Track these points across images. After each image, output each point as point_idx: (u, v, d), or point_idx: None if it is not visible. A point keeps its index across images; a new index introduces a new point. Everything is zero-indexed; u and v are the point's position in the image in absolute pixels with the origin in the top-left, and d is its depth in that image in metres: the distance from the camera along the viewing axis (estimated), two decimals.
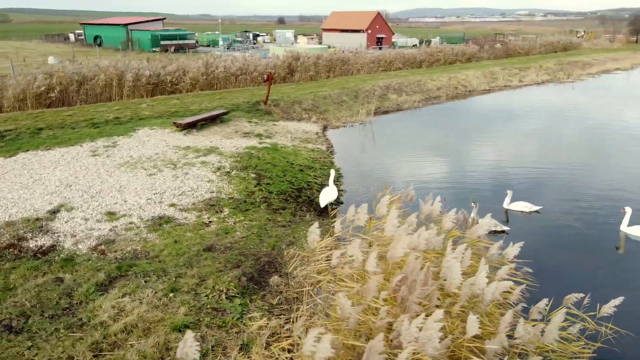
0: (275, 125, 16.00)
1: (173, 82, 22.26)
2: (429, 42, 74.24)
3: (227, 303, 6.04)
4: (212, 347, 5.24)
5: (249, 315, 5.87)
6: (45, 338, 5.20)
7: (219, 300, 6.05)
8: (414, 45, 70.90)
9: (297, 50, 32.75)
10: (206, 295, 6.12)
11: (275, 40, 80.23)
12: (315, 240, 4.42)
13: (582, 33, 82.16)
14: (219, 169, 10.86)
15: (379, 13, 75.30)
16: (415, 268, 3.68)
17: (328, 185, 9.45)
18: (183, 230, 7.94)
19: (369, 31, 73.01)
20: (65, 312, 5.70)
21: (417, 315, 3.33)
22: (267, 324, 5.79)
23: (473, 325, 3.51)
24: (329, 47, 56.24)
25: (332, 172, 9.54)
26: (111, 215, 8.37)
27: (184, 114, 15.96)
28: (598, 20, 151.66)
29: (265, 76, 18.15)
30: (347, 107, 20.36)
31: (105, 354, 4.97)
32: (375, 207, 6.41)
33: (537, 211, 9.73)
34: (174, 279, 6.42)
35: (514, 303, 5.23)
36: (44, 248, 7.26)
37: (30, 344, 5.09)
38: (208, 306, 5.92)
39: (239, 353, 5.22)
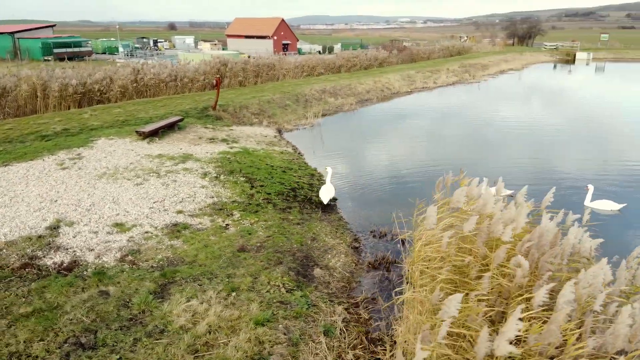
0: (232, 130, 15.94)
1: (102, 90, 21.12)
2: (331, 48, 76.60)
3: (290, 296, 6.22)
4: (300, 336, 5.42)
5: (315, 304, 6.11)
6: (129, 349, 5.04)
7: (281, 295, 6.21)
8: (318, 52, 72.84)
9: (215, 55, 32.39)
10: (267, 291, 6.24)
11: (174, 47, 77.91)
12: (432, 223, 4.76)
13: (465, 38, 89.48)
14: (205, 174, 10.74)
15: (283, 20, 76.32)
16: (543, 232, 4.24)
17: (325, 183, 9.83)
18: (205, 234, 7.87)
19: (275, 37, 73.74)
20: (133, 322, 5.52)
21: (552, 277, 3.88)
22: (334, 310, 6.07)
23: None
24: (240, 53, 55.94)
25: (330, 170, 9.92)
26: (120, 226, 8.04)
27: (134, 122, 15.32)
28: (473, 26, 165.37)
29: (214, 81, 17.93)
30: (292, 111, 20.73)
31: (204, 354, 4.96)
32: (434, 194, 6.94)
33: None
34: (226, 280, 6.44)
35: None
36: (65, 264, 6.84)
37: (117, 356, 4.92)
38: (274, 300, 6.06)
39: (325, 337, 5.47)
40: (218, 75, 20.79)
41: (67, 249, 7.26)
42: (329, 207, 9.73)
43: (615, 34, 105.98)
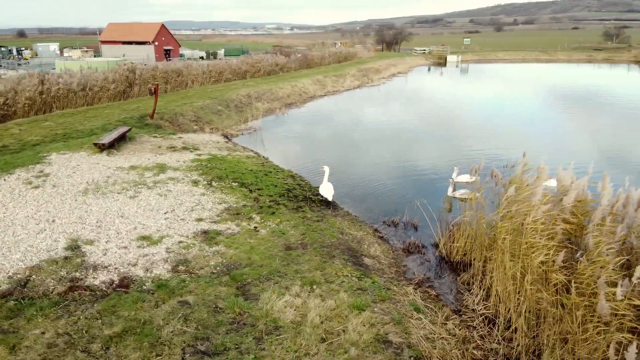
0: (181, 138, 15.46)
1: (7, 104, 19.01)
2: (215, 54, 75.57)
3: (363, 283, 6.60)
4: (399, 315, 5.87)
5: (388, 288, 6.58)
6: (256, 347, 5.08)
7: (355, 283, 6.56)
8: (200, 57, 71.37)
9: (88, 62, 30.64)
10: (342, 282, 6.55)
11: (37, 55, 70.73)
12: (538, 198, 5.39)
13: (339, 44, 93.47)
14: (196, 182, 10.51)
15: (163, 25, 73.57)
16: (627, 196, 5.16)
17: (323, 182, 10.22)
18: (241, 238, 7.86)
19: (156, 43, 70.72)
20: (238, 324, 5.52)
21: None
22: (406, 291, 6.61)
23: None
24: (124, 60, 52.73)
25: (327, 169, 10.33)
26: (147, 239, 7.69)
27: (77, 135, 14.19)
28: (338, 33, 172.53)
29: (152, 89, 17.16)
30: (227, 117, 20.53)
31: (332, 341, 5.19)
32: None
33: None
34: (298, 276, 6.62)
35: None
36: (117, 282, 6.47)
37: (251, 356, 4.96)
38: (353, 288, 6.40)
39: (418, 314, 5.98)
40: (156, 83, 19.84)
41: (105, 267, 6.83)
42: (331, 204, 10.14)
43: (473, 37, 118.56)
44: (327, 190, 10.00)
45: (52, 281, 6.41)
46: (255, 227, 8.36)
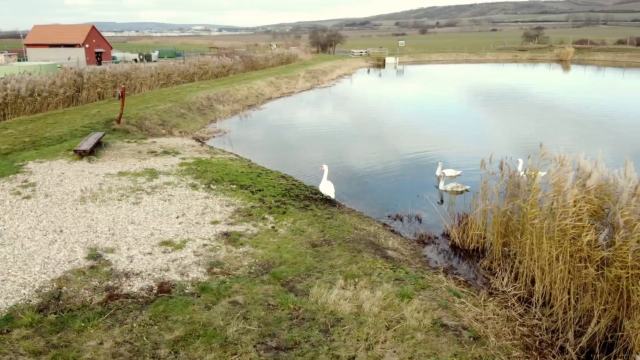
0: (155, 142, 15.05)
1: None
2: (149, 56, 73.23)
3: (397, 274, 6.88)
4: (444, 300, 6.21)
5: (422, 277, 6.91)
6: (327, 339, 5.21)
7: (392, 274, 6.84)
8: (134, 60, 68.90)
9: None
10: (379, 273, 6.79)
11: None
12: (570, 180, 5.85)
13: (275, 46, 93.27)
14: (194, 186, 10.37)
15: (94, 26, 70.40)
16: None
17: (322, 181, 10.40)
18: (264, 238, 7.90)
19: (87, 45, 67.59)
20: (298, 319, 5.61)
21: None
22: (438, 279, 6.98)
23: None
24: (58, 64, 50.04)
25: (326, 168, 10.52)
26: (169, 244, 7.56)
27: (47, 142, 13.47)
28: (270, 35, 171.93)
29: (120, 92, 16.53)
30: (191, 119, 20.15)
31: (395, 327, 5.43)
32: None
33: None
34: (336, 270, 6.79)
35: None
36: (155, 288, 6.35)
37: (326, 347, 5.09)
38: (392, 279, 6.66)
39: (459, 298, 6.36)
40: (124, 86, 19.05)
41: (137, 274, 6.68)
42: (333, 201, 10.35)
43: (406, 39, 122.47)
44: (328, 189, 10.20)
45: (87, 291, 6.20)
46: (273, 227, 8.42)
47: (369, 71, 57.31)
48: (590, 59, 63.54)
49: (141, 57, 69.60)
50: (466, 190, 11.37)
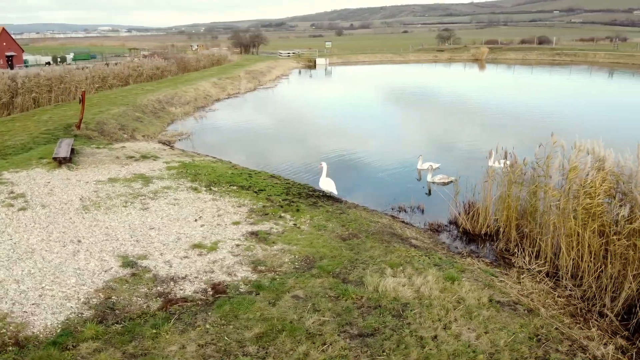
0: (124, 147, 14.45)
1: None
2: (64, 58, 69.05)
3: (434, 260, 7.30)
4: (488, 280, 6.71)
5: (455, 261, 7.38)
6: (409, 324, 5.49)
7: (429, 260, 7.24)
8: (47, 63, 64.71)
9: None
10: (418, 261, 7.17)
11: None
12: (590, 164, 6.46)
13: (196, 47, 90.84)
14: (195, 189, 10.19)
15: (4, 29, 65.24)
16: None
17: (322, 177, 10.61)
18: (292, 234, 7.98)
19: None
20: (366, 307, 5.83)
21: None
22: (470, 262, 7.48)
23: None
24: None
25: (325, 165, 10.72)
26: (201, 247, 7.46)
27: (7, 150, 12.53)
28: (185, 35, 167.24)
29: (80, 96, 15.60)
30: (149, 123, 19.46)
31: (460, 309, 5.82)
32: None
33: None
34: (378, 260, 7.07)
35: None
36: (210, 290, 6.29)
37: (407, 330, 5.37)
38: (432, 264, 7.06)
39: (497, 278, 6.89)
40: (83, 89, 17.90)
41: (182, 277, 6.57)
42: (335, 197, 10.59)
43: (319, 41, 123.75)
44: (329, 185, 10.42)
45: (139, 299, 6.03)
46: (295, 224, 8.53)
47: (300, 72, 57.56)
48: (503, 57, 67.67)
49: (56, 60, 65.28)
50: (452, 181, 12.07)
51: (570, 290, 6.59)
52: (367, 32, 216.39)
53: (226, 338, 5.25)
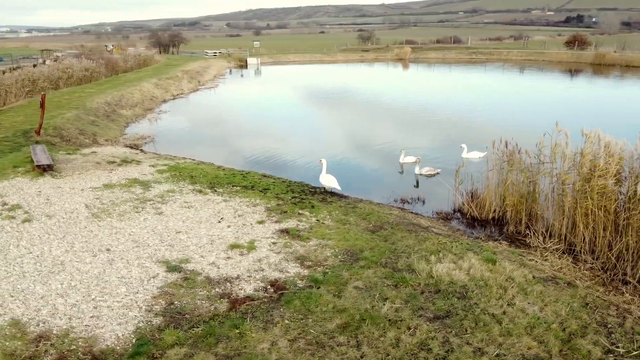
0: (95, 153, 13.74)
1: None
2: None
3: (465, 245, 7.76)
4: (520, 261, 7.25)
5: (481, 245, 7.89)
6: (476, 302, 5.87)
7: (460, 245, 7.68)
8: None
9: None
10: (451, 247, 7.58)
11: None
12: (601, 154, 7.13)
13: (111, 47, 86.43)
14: (200, 191, 9.98)
15: None
16: None
17: (323, 173, 10.77)
18: (321, 230, 8.09)
19: None
20: (430, 292, 6.14)
21: None
22: (495, 245, 8.03)
23: None
24: None
25: (325, 162, 10.89)
26: (239, 246, 7.39)
27: None
28: (93, 35, 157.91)
29: (40, 100, 14.51)
30: (105, 126, 18.50)
31: (513, 285, 6.29)
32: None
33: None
34: (416, 249, 7.40)
35: None
36: (269, 288, 6.31)
37: (479, 309, 5.74)
38: (465, 249, 7.50)
39: (524, 257, 7.48)
40: (44, 93, 16.51)
41: (236, 277, 6.52)
42: (339, 193, 10.79)
43: (236, 40, 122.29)
44: (332, 181, 10.59)
45: (203, 302, 5.94)
46: (318, 220, 8.65)
47: (230, 72, 56.48)
48: (424, 57, 69.70)
49: None
50: (438, 172, 12.73)
51: (590, 263, 7.31)
52: (285, 32, 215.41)
53: (312, 331, 5.33)
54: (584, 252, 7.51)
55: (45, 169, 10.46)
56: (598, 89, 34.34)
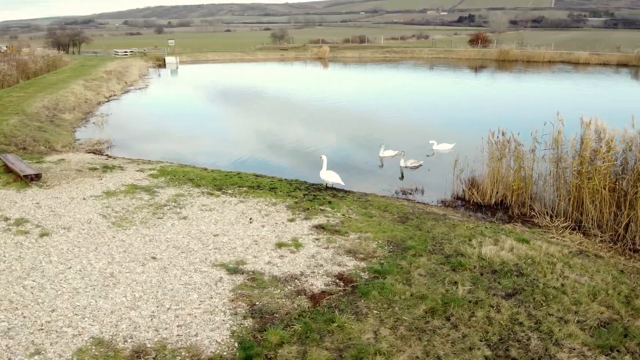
0: (63, 160, 12.77)
1: None
2: None
3: (490, 229, 8.33)
4: (547, 242, 7.94)
5: (507, 227, 8.52)
6: (535, 277, 6.39)
7: (486, 230, 8.24)
8: None
9: None
10: (481, 232, 8.11)
11: None
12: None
13: (5, 48, 79.18)
14: (211, 194, 9.75)
15: None
16: None
17: (323, 169, 10.91)
18: (353, 224, 8.26)
19: None
20: (488, 272, 6.60)
21: None
22: (512, 226, 8.70)
23: None
24: None
25: (325, 158, 11.03)
26: (285, 245, 7.37)
27: None
28: None
29: None
30: (54, 132, 17.15)
31: (556, 258, 6.92)
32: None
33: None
34: (450, 235, 7.85)
35: None
36: (338, 281, 6.43)
37: (541, 284, 6.28)
38: (496, 232, 8.07)
39: (546, 235, 8.20)
40: None
41: (300, 275, 6.55)
42: (342, 188, 10.97)
43: (136, 39, 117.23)
44: (334, 177, 10.76)
45: (284, 300, 5.95)
46: (343, 215, 8.83)
47: (159, 72, 54.24)
48: (341, 56, 69.82)
49: None
50: (421, 164, 13.35)
51: (600, 237, 8.19)
52: (189, 31, 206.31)
53: (405, 318, 5.56)
54: (592, 228, 8.38)
55: (32, 179, 9.63)
56: (523, 83, 37.29)
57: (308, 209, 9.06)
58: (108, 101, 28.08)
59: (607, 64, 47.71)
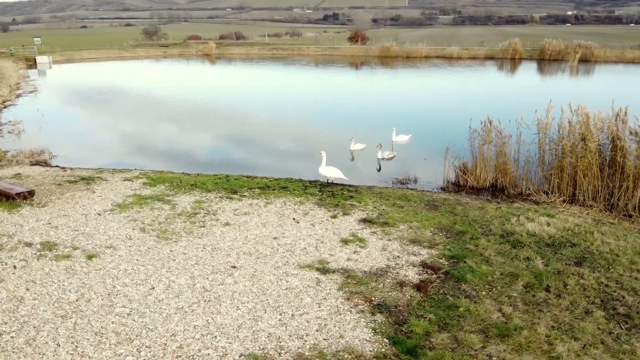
0: (19, 174, 11.23)
1: None
2: None
3: (514, 209, 9.15)
4: (574, 224, 8.96)
5: (518, 206, 9.41)
6: (583, 245, 7.25)
7: (510, 210, 9.04)
8: None
9: None
10: (508, 210, 8.89)
11: None
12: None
13: None
14: (231, 198, 9.36)
15: None
16: None
17: (322, 165, 10.97)
18: (392, 215, 8.57)
19: None
20: (542, 246, 7.33)
21: None
22: (523, 204, 9.65)
23: None
24: None
25: (324, 154, 11.07)
26: (348, 241, 7.43)
27: None
28: None
29: None
30: None
31: (585, 229, 7.89)
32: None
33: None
34: (486, 217, 8.50)
35: None
36: (428, 270, 6.72)
37: (592, 249, 7.14)
38: (520, 211, 8.90)
39: (554, 211, 9.25)
40: None
41: (386, 267, 6.73)
42: (345, 183, 11.08)
43: (45, 37, 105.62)
44: (336, 172, 10.88)
45: (395, 293, 6.10)
46: (375, 207, 9.06)
47: (39, 72, 48.56)
48: (228, 52, 67.67)
49: None
50: (394, 155, 13.96)
51: (597, 207, 9.43)
52: (38, 28, 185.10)
53: (513, 294, 6.03)
54: (588, 200, 9.62)
55: (25, 197, 8.41)
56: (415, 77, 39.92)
57: (338, 205, 9.13)
58: (5, 107, 24.69)
59: (476, 58, 51.96)
